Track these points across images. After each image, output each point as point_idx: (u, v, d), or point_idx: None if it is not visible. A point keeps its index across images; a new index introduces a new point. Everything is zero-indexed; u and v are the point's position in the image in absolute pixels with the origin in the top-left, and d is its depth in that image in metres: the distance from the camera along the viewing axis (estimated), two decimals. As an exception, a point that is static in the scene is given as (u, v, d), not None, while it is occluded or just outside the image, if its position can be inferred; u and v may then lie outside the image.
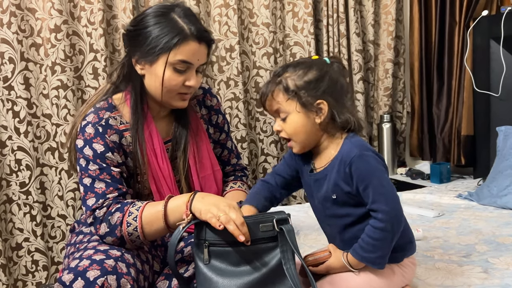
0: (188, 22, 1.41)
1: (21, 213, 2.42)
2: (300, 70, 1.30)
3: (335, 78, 1.31)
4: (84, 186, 1.40)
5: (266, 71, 2.85)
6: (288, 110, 1.30)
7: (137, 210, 1.34)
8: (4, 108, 2.37)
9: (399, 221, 1.27)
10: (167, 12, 1.41)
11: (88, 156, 1.40)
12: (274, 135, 2.89)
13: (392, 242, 1.28)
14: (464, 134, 2.87)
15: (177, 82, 1.42)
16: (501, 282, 1.48)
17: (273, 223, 1.23)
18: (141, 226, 1.33)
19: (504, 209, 2.26)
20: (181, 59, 1.40)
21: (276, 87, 1.31)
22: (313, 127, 1.30)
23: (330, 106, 1.29)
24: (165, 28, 1.39)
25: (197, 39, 1.41)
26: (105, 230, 1.35)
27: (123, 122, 1.46)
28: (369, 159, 1.26)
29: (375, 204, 1.25)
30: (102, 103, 1.49)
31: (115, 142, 1.43)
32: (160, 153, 1.47)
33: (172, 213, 1.32)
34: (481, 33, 2.77)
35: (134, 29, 1.44)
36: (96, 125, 1.42)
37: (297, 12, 2.90)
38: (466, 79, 2.85)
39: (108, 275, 1.22)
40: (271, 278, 1.21)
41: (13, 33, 2.34)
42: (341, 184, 1.28)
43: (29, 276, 2.45)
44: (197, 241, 1.25)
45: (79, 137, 1.43)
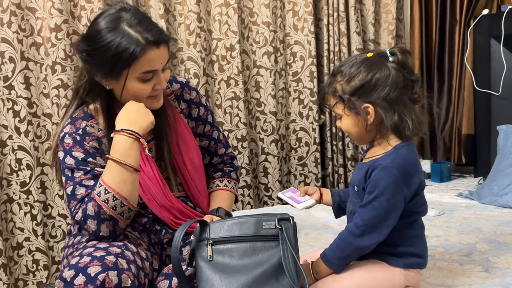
0: (141, 30, 1.35)
1: (21, 212, 2.42)
2: (348, 74, 1.31)
3: (386, 79, 1.29)
4: (67, 195, 1.41)
5: (267, 70, 2.84)
6: (339, 112, 1.35)
7: (100, 185, 1.34)
8: (4, 108, 2.36)
9: (372, 238, 1.29)
10: (117, 25, 1.35)
11: (70, 165, 1.41)
12: (274, 134, 2.89)
13: (355, 250, 1.32)
14: (465, 133, 2.87)
15: (146, 90, 1.41)
16: (502, 281, 1.48)
17: (275, 222, 1.26)
18: (116, 191, 1.33)
19: (505, 208, 2.26)
20: (145, 71, 1.38)
21: (328, 90, 1.36)
22: (363, 129, 1.34)
23: (378, 109, 1.29)
24: (120, 44, 1.34)
25: (155, 45, 1.36)
26: (94, 223, 1.35)
27: (100, 129, 1.47)
28: (389, 175, 1.28)
29: (362, 210, 1.31)
30: (78, 112, 1.48)
31: (95, 147, 1.43)
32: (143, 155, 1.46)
33: (120, 154, 1.34)
34: (481, 32, 2.77)
35: (89, 49, 1.39)
36: (73, 135, 1.43)
37: (298, 11, 2.89)
38: (467, 78, 2.85)
39: (109, 270, 1.23)
40: (273, 275, 1.23)
41: (13, 33, 2.33)
42: (362, 181, 1.33)
43: (30, 275, 2.46)
44: (199, 241, 1.28)
45: (59, 149, 1.44)
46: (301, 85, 2.94)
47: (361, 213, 1.30)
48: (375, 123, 1.31)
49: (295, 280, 1.22)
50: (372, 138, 1.38)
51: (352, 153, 3.01)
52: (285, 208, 2.41)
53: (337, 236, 1.34)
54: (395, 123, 1.30)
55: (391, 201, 1.28)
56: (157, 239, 1.53)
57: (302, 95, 2.95)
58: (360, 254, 1.33)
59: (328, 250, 1.34)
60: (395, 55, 1.30)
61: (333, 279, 1.34)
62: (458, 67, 2.90)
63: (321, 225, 2.13)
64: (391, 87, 1.29)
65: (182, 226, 1.28)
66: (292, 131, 2.98)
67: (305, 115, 2.96)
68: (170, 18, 2.64)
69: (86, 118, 1.46)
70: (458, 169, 3.05)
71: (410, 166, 1.31)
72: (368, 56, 1.32)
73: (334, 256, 1.33)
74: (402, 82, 1.30)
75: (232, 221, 1.29)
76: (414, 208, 1.35)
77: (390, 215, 1.29)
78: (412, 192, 1.31)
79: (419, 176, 1.33)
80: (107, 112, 1.45)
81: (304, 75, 2.93)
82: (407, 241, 1.35)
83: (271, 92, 2.86)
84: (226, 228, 1.28)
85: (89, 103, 1.50)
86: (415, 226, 1.37)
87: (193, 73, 2.69)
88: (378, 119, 1.31)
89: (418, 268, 1.38)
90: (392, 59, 1.30)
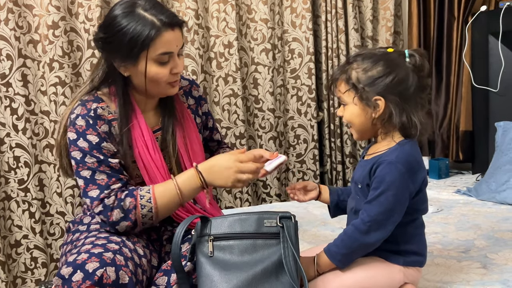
0: (156, 13, 1.40)
1: (19, 210, 2.42)
2: (366, 63, 1.31)
3: (402, 76, 1.30)
4: (83, 179, 1.41)
5: (265, 67, 2.84)
6: (347, 100, 1.34)
7: (148, 193, 1.40)
8: (2, 105, 2.36)
9: (378, 234, 1.29)
10: (132, 10, 1.40)
11: (83, 148, 1.41)
12: (272, 131, 2.89)
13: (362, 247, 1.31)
14: (463, 129, 2.87)
15: (164, 74, 1.44)
16: (500, 278, 1.48)
17: (276, 220, 1.26)
18: (156, 206, 1.39)
19: (503, 205, 2.26)
20: (162, 52, 1.41)
21: (341, 76, 1.34)
22: (368, 121, 1.34)
23: (389, 104, 1.30)
24: (136, 27, 1.38)
25: (169, 27, 1.40)
26: (119, 215, 1.38)
27: (110, 112, 1.47)
28: (395, 170, 1.28)
29: (368, 206, 1.30)
30: (87, 96, 1.50)
31: (106, 132, 1.45)
32: (151, 144, 1.48)
33: (184, 186, 1.40)
34: (479, 28, 2.77)
35: (106, 36, 1.43)
36: (86, 117, 1.43)
37: (296, 7, 2.89)
38: (465, 75, 2.85)
39: (107, 266, 1.24)
40: (273, 272, 1.24)
41: (10, 30, 2.33)
42: (367, 178, 1.33)
43: (28, 273, 2.45)
44: (200, 237, 1.29)
45: (70, 129, 1.44)
46: (299, 82, 2.94)
47: (367, 209, 1.29)
48: (382, 117, 1.32)
49: (295, 278, 1.22)
50: (372, 134, 1.38)
51: (350, 150, 3.01)
52: (283, 205, 2.42)
53: (343, 232, 1.33)
54: (403, 122, 1.30)
55: (397, 196, 1.28)
56: (156, 236, 1.54)
57: (300, 92, 2.95)
58: (366, 251, 1.32)
59: (333, 246, 1.33)
60: (413, 56, 1.31)
61: (332, 276, 1.34)
62: (456, 64, 2.90)
63: (319, 222, 2.13)
64: (406, 86, 1.30)
65: (183, 222, 1.29)
66: (290, 128, 2.98)
67: (303, 112, 2.96)
68: (167, 15, 2.63)
69: (97, 101, 1.47)
70: (456, 166, 3.05)
71: (414, 162, 1.31)
72: (388, 51, 1.33)
73: (339, 252, 1.32)
74: (416, 84, 1.31)
75: (234, 217, 1.29)
76: (417, 206, 1.36)
77: (395, 211, 1.29)
78: (417, 188, 1.32)
79: (423, 172, 1.34)
80: (122, 98, 1.47)
81: (302, 72, 2.93)
82: (408, 239, 1.35)
83: (269, 89, 2.86)
84: (227, 224, 1.29)
85: (99, 88, 1.52)
86: (416, 224, 1.37)
87: (191, 70, 2.69)
88: (385, 114, 1.31)
89: (418, 266, 1.38)
90: (409, 60, 1.31)
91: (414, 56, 1.31)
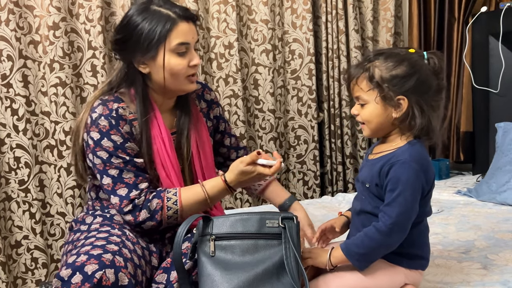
0: (170, 7, 1.46)
1: (20, 210, 2.42)
2: (390, 62, 1.29)
3: (424, 78, 1.30)
4: (111, 177, 1.45)
5: (265, 68, 2.84)
6: (368, 99, 1.32)
7: (174, 195, 1.45)
8: (2, 106, 2.36)
9: (399, 235, 1.29)
10: (147, 6, 1.46)
11: (108, 148, 1.45)
12: (273, 132, 2.89)
13: (382, 249, 1.30)
14: (463, 130, 2.87)
15: (183, 65, 1.47)
16: (500, 278, 1.48)
17: (278, 220, 1.27)
18: (182, 209, 1.45)
19: (503, 205, 2.26)
20: (179, 42, 1.45)
21: (362, 74, 1.32)
22: (387, 120, 1.32)
23: (410, 105, 1.29)
24: (152, 21, 1.44)
25: (184, 19, 1.46)
26: (146, 216, 1.43)
27: (131, 112, 1.50)
28: (409, 170, 1.27)
29: (388, 208, 1.28)
30: (107, 96, 1.52)
31: (128, 132, 1.48)
32: (168, 142, 1.52)
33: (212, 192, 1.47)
34: (480, 29, 2.77)
35: (124, 35, 1.48)
36: (108, 117, 1.46)
37: (296, 8, 2.89)
38: (465, 76, 2.85)
39: (106, 268, 1.24)
40: (274, 273, 1.24)
41: (11, 31, 2.33)
42: (376, 178, 1.32)
43: (29, 273, 2.45)
44: (202, 236, 1.29)
45: (93, 129, 1.46)
46: (299, 83, 2.94)
47: (388, 211, 1.27)
48: (401, 118, 1.31)
49: (296, 279, 1.22)
50: (385, 134, 1.37)
51: (350, 150, 3.01)
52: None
53: (363, 233, 1.30)
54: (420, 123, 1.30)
55: (414, 195, 1.28)
56: (158, 236, 1.54)
57: (300, 93, 2.95)
58: (385, 252, 1.31)
59: (352, 245, 1.31)
60: (432, 58, 1.31)
61: (334, 275, 1.34)
62: (456, 65, 2.90)
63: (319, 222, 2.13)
64: (427, 88, 1.30)
65: (186, 221, 1.30)
66: (291, 129, 2.98)
67: (303, 112, 2.96)
68: (168, 16, 2.64)
69: (117, 101, 1.50)
70: (457, 167, 3.05)
71: (426, 161, 1.31)
72: (410, 51, 1.32)
73: (358, 252, 1.30)
74: (435, 86, 1.32)
75: (236, 217, 1.30)
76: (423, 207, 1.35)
77: (414, 210, 1.29)
78: (429, 187, 1.32)
79: (433, 172, 1.34)
80: (141, 97, 1.50)
81: (303, 73, 2.93)
82: (412, 242, 1.34)
83: (270, 90, 2.86)
84: (229, 224, 1.29)
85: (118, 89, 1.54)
86: (420, 228, 1.37)
87: (191, 71, 2.69)
88: (405, 115, 1.30)
89: (420, 269, 1.38)
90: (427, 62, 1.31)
91: (433, 58, 1.32)
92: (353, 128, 3.04)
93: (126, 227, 1.48)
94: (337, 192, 2.99)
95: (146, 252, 1.46)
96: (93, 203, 1.59)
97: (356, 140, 3.07)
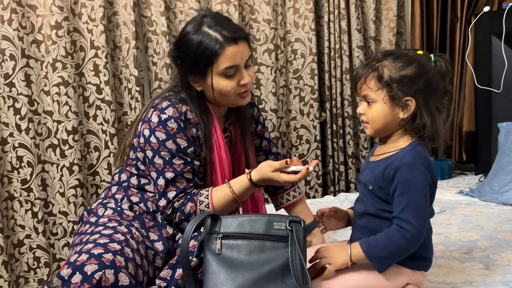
0: (219, 28, 1.48)
1: (22, 210, 2.42)
2: (399, 63, 1.29)
3: (432, 80, 1.30)
4: (166, 180, 1.49)
5: (267, 67, 2.84)
6: (375, 98, 1.32)
7: (206, 198, 1.49)
8: (5, 105, 2.36)
9: (419, 240, 1.28)
10: (199, 28, 1.49)
11: (172, 149, 1.49)
12: (275, 132, 2.89)
13: (403, 253, 1.30)
14: (466, 130, 2.87)
15: (232, 87, 1.51)
16: (502, 279, 1.48)
17: (286, 223, 1.27)
18: (214, 211, 1.48)
19: (506, 205, 2.26)
20: (227, 66, 1.48)
21: (371, 73, 1.31)
22: (393, 121, 1.32)
23: (418, 106, 1.29)
24: (202, 45, 1.47)
25: (233, 41, 1.48)
26: (181, 218, 1.50)
27: (197, 115, 1.55)
28: (416, 172, 1.27)
29: (404, 214, 1.27)
30: (174, 98, 1.55)
31: (193, 136, 1.53)
32: (223, 146, 1.57)
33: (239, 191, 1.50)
34: (482, 29, 2.77)
35: (178, 54, 1.53)
36: (178, 120, 1.50)
37: (298, 8, 2.89)
38: (468, 75, 2.84)
39: (105, 269, 1.24)
40: (279, 274, 1.24)
41: (14, 30, 2.33)
42: (380, 180, 1.31)
43: (31, 272, 2.46)
44: (209, 234, 1.30)
45: (159, 129, 1.49)
46: (302, 83, 2.94)
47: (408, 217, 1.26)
48: (407, 119, 1.31)
49: (301, 282, 1.22)
50: (388, 134, 1.37)
51: (353, 150, 3.01)
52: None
53: (386, 236, 1.28)
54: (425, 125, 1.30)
55: (425, 195, 1.28)
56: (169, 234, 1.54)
57: (303, 92, 2.95)
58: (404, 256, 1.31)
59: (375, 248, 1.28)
60: (439, 61, 1.31)
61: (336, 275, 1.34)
62: (459, 65, 2.90)
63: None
64: (434, 90, 1.30)
65: (194, 219, 1.31)
66: (293, 128, 2.98)
67: (305, 112, 2.96)
68: (170, 15, 2.64)
69: (185, 104, 1.54)
70: (459, 167, 3.05)
71: (429, 162, 1.31)
72: (419, 53, 1.33)
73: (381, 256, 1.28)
74: (442, 88, 1.32)
75: (244, 218, 1.31)
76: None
77: (428, 212, 1.30)
78: (434, 188, 1.32)
79: (436, 172, 1.34)
80: (199, 105, 1.55)
81: (305, 73, 2.93)
82: None
83: (272, 89, 2.86)
84: (237, 224, 1.30)
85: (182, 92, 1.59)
86: None
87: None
88: (411, 116, 1.30)
89: (423, 269, 1.38)
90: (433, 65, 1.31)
91: (440, 61, 1.31)
92: (355, 127, 3.04)
93: (134, 225, 1.48)
94: (339, 192, 2.99)
95: (151, 252, 1.46)
96: (117, 190, 1.60)
97: (358, 140, 3.07)
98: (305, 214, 1.78)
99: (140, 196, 1.58)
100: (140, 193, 1.58)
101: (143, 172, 1.58)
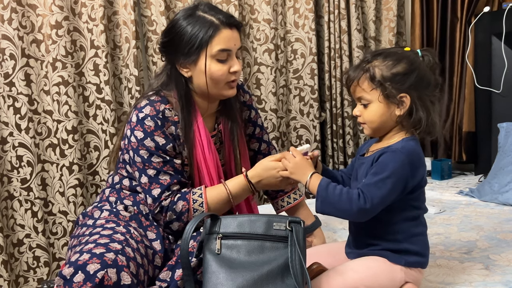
0: (214, 13, 1.50)
1: (22, 209, 2.42)
2: (389, 61, 1.31)
3: (423, 74, 1.32)
4: (148, 177, 1.49)
5: (267, 67, 2.84)
6: (370, 98, 1.33)
7: (200, 197, 1.48)
8: (5, 105, 2.36)
9: (366, 217, 1.30)
10: (193, 12, 1.50)
11: (150, 147, 1.48)
12: (275, 132, 2.89)
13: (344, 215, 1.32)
14: (466, 130, 2.87)
15: (223, 72, 1.50)
16: (502, 279, 1.48)
17: (286, 224, 1.28)
18: (208, 210, 1.48)
19: (506, 206, 2.26)
20: (220, 49, 1.48)
21: (363, 75, 1.33)
22: (390, 118, 1.34)
23: (413, 101, 1.31)
24: (196, 26, 1.47)
25: (227, 25, 1.49)
26: (172, 217, 1.48)
27: (176, 113, 1.54)
28: (398, 159, 1.28)
29: (370, 188, 1.28)
30: (155, 96, 1.55)
31: (172, 134, 1.51)
32: (206, 144, 1.55)
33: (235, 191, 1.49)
34: (482, 29, 2.77)
35: (168, 38, 1.52)
36: (155, 118, 1.49)
37: (298, 8, 2.89)
38: (468, 76, 2.84)
39: (108, 268, 1.24)
40: (279, 274, 1.25)
41: (14, 29, 2.33)
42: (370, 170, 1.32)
43: (31, 272, 2.46)
44: (209, 234, 1.30)
45: (137, 128, 1.50)
46: (301, 83, 2.94)
47: (371, 193, 1.27)
48: (404, 115, 1.33)
49: (300, 282, 1.23)
50: (385, 132, 1.38)
51: (352, 150, 3.01)
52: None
53: (346, 192, 1.29)
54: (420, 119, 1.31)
55: (396, 184, 1.28)
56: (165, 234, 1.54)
57: (302, 92, 2.95)
58: (341, 217, 1.34)
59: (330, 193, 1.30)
60: (426, 56, 1.33)
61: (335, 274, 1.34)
62: (459, 65, 2.90)
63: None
64: (426, 84, 1.32)
65: (194, 220, 1.31)
66: (293, 128, 2.98)
67: (305, 112, 2.96)
68: (170, 15, 2.64)
69: (164, 102, 1.54)
70: (459, 167, 3.05)
71: (417, 157, 1.32)
72: (406, 50, 1.35)
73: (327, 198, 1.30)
74: (433, 81, 1.33)
75: (244, 218, 1.31)
76: (417, 204, 1.36)
77: (389, 198, 1.29)
78: (414, 183, 1.32)
79: (424, 169, 1.35)
80: (184, 101, 1.54)
81: (305, 73, 2.93)
82: (408, 238, 1.35)
83: (272, 89, 2.86)
84: (236, 224, 1.30)
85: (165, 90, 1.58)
86: (417, 224, 1.38)
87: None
88: (408, 111, 1.32)
89: (419, 267, 1.38)
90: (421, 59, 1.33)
91: (427, 55, 1.34)
92: (355, 127, 3.04)
93: (131, 225, 1.48)
94: (339, 191, 2.99)
95: (150, 251, 1.46)
96: (110, 192, 1.60)
97: (358, 140, 3.07)
98: (306, 216, 1.77)
99: (133, 200, 1.58)
100: (133, 195, 1.59)
101: (132, 173, 1.58)
